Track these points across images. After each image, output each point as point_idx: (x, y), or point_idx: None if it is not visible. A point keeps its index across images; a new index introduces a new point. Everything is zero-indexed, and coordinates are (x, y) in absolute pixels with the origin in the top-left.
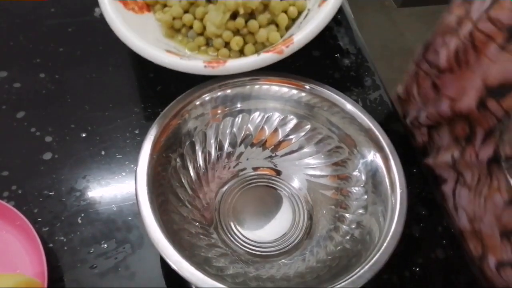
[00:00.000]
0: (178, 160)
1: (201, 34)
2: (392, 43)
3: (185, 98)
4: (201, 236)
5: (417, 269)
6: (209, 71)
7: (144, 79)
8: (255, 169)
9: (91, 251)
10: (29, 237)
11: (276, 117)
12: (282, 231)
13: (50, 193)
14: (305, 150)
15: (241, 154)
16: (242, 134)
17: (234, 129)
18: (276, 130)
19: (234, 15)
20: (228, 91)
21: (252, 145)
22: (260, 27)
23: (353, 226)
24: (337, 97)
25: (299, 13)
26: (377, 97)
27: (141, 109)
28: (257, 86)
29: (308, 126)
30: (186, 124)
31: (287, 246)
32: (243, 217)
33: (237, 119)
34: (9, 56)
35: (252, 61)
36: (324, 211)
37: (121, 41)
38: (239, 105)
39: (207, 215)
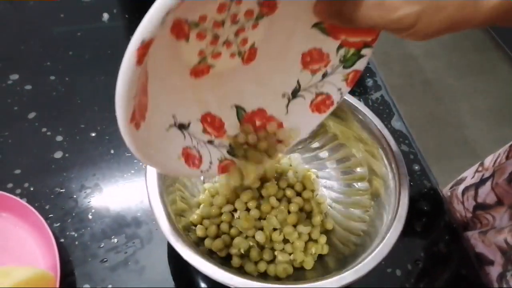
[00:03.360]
0: None
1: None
2: (392, 48)
3: None
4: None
5: (420, 262)
6: None
7: None
8: None
9: (102, 246)
10: (42, 232)
11: None
12: None
13: (61, 190)
14: (310, 147)
15: None
16: None
17: None
18: None
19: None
20: None
21: None
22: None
23: (359, 220)
24: None
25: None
26: (379, 97)
27: None
28: None
29: None
30: None
31: None
32: None
33: None
34: (21, 60)
35: None
36: (332, 206)
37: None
38: None
39: None
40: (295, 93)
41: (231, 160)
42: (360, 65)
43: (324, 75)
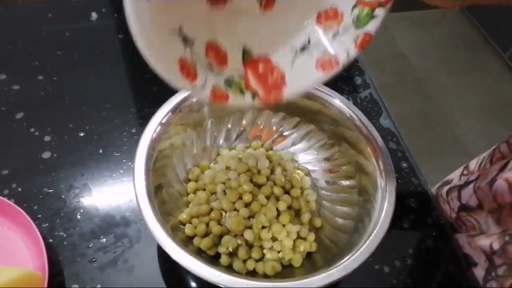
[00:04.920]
0: (174, 154)
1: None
2: (383, 47)
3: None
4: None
5: (408, 259)
6: None
7: (140, 80)
8: None
9: (90, 246)
10: (30, 233)
11: (272, 115)
12: None
13: (50, 190)
14: (298, 146)
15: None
16: (237, 130)
17: (229, 125)
18: (270, 127)
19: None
20: None
21: (247, 140)
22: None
23: (346, 217)
24: (328, 94)
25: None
26: (367, 95)
27: (138, 109)
28: None
29: (301, 123)
30: (183, 119)
31: None
32: None
33: (232, 115)
34: (8, 60)
35: None
36: (320, 203)
37: (117, 45)
38: None
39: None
40: (303, 49)
41: (226, 92)
42: (372, 27)
43: (335, 35)
